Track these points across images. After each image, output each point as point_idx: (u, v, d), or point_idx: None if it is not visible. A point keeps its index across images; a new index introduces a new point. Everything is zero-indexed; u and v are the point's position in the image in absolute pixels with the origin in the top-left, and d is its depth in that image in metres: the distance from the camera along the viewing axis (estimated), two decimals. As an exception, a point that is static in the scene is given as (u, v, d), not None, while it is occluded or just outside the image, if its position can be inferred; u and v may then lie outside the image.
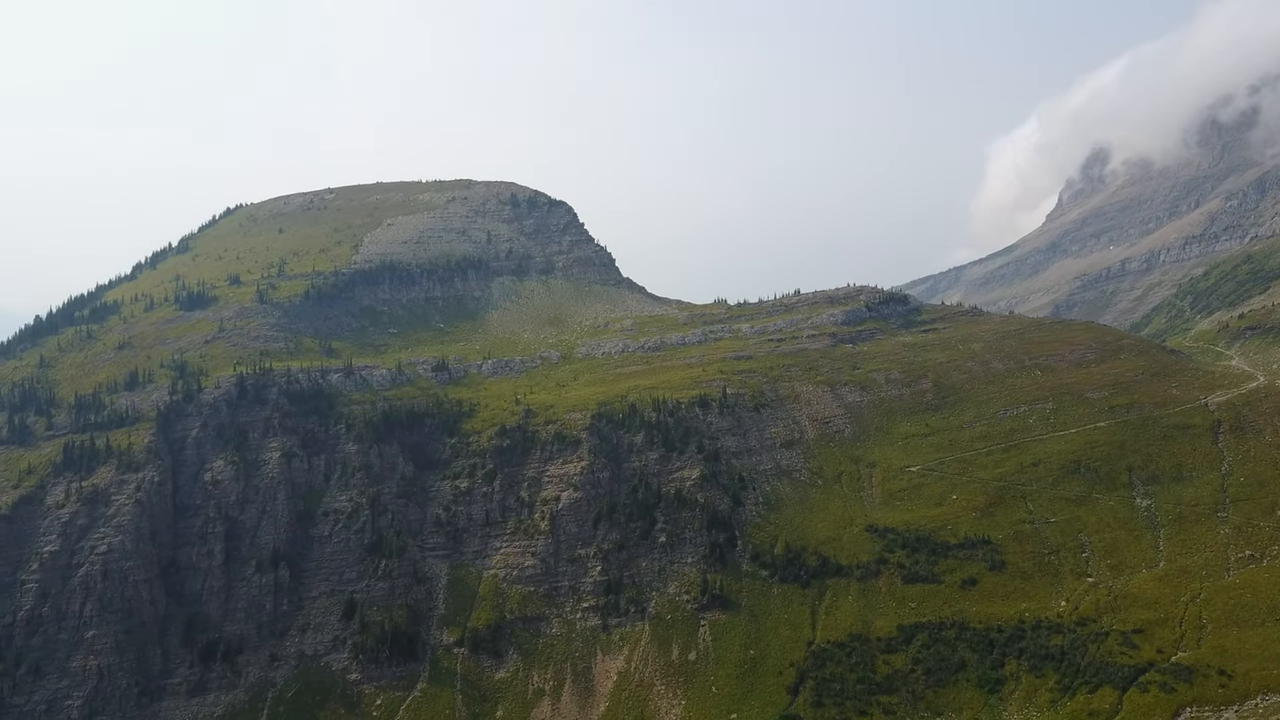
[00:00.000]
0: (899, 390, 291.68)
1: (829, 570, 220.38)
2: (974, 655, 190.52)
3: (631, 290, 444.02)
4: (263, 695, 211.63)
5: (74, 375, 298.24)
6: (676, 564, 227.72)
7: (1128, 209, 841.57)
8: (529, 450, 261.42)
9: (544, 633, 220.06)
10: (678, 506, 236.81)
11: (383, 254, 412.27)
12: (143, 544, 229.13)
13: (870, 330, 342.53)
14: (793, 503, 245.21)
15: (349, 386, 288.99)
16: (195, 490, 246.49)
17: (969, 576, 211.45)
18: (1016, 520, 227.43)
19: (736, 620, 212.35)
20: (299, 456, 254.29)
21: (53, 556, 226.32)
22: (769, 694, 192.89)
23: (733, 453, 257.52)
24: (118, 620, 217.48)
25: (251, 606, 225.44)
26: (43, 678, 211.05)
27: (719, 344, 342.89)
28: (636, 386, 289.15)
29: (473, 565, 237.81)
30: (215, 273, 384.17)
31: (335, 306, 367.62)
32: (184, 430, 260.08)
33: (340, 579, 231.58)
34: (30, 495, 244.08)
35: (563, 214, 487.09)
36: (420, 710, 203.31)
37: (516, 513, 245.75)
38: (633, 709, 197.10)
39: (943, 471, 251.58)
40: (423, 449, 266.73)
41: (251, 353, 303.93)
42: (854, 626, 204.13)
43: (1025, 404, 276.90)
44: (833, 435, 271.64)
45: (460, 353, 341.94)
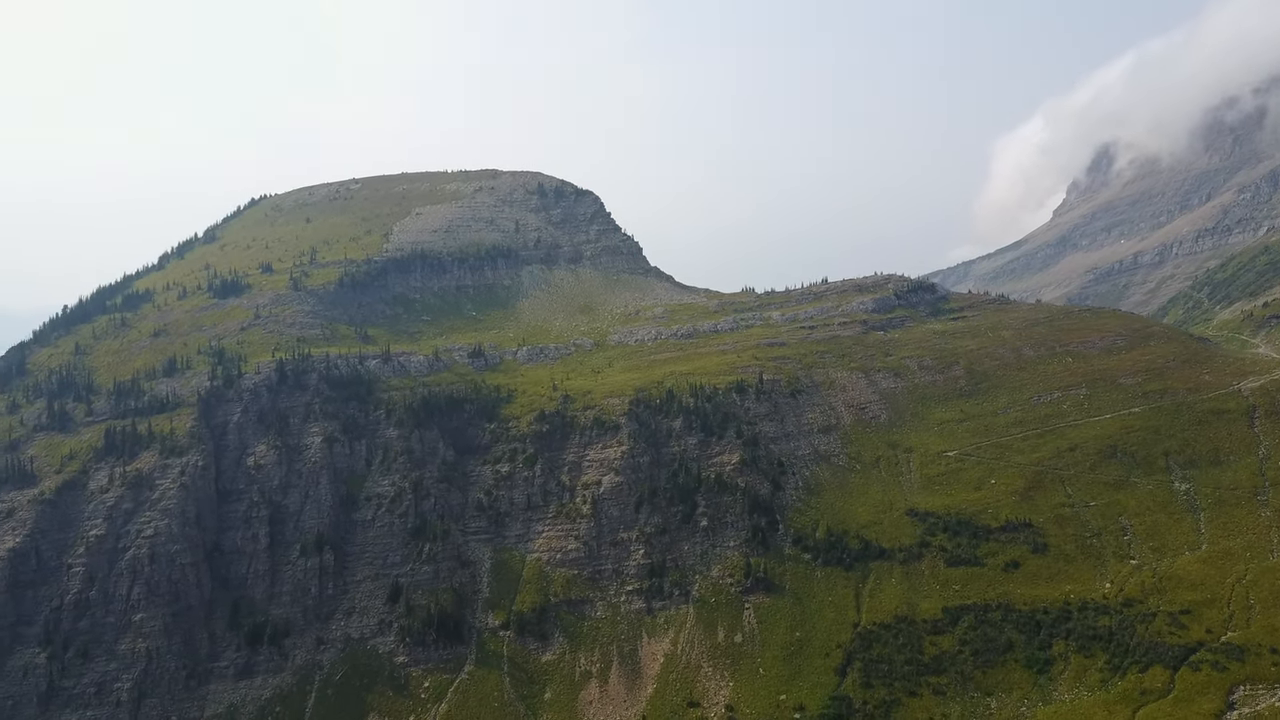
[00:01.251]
0: (932, 376, 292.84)
1: (871, 553, 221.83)
2: (1021, 636, 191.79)
3: (660, 279, 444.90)
4: (310, 678, 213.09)
5: (111, 362, 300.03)
6: (719, 547, 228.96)
7: (1138, 203, 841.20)
8: (568, 435, 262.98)
9: (589, 615, 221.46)
10: (718, 491, 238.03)
11: (413, 242, 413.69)
12: (188, 527, 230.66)
13: (900, 318, 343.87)
14: (832, 487, 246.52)
15: (387, 372, 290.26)
16: (238, 475, 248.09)
17: (1012, 559, 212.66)
18: (1056, 504, 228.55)
19: (781, 603, 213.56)
20: (340, 441, 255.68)
21: (98, 540, 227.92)
22: (817, 675, 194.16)
23: (771, 438, 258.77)
24: (165, 603, 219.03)
25: (297, 590, 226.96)
26: (91, 660, 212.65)
27: (751, 331, 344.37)
28: (672, 373, 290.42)
29: (515, 549, 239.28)
30: (245, 261, 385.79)
31: (369, 294, 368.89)
32: (225, 416, 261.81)
33: (384, 563, 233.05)
34: (73, 480, 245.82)
35: (589, 203, 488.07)
36: (469, 693, 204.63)
37: (558, 497, 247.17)
38: (681, 690, 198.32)
39: (980, 456, 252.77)
40: (462, 434, 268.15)
41: (288, 339, 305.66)
42: (899, 609, 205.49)
43: (1058, 390, 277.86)
44: (869, 421, 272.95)
45: (494, 340, 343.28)
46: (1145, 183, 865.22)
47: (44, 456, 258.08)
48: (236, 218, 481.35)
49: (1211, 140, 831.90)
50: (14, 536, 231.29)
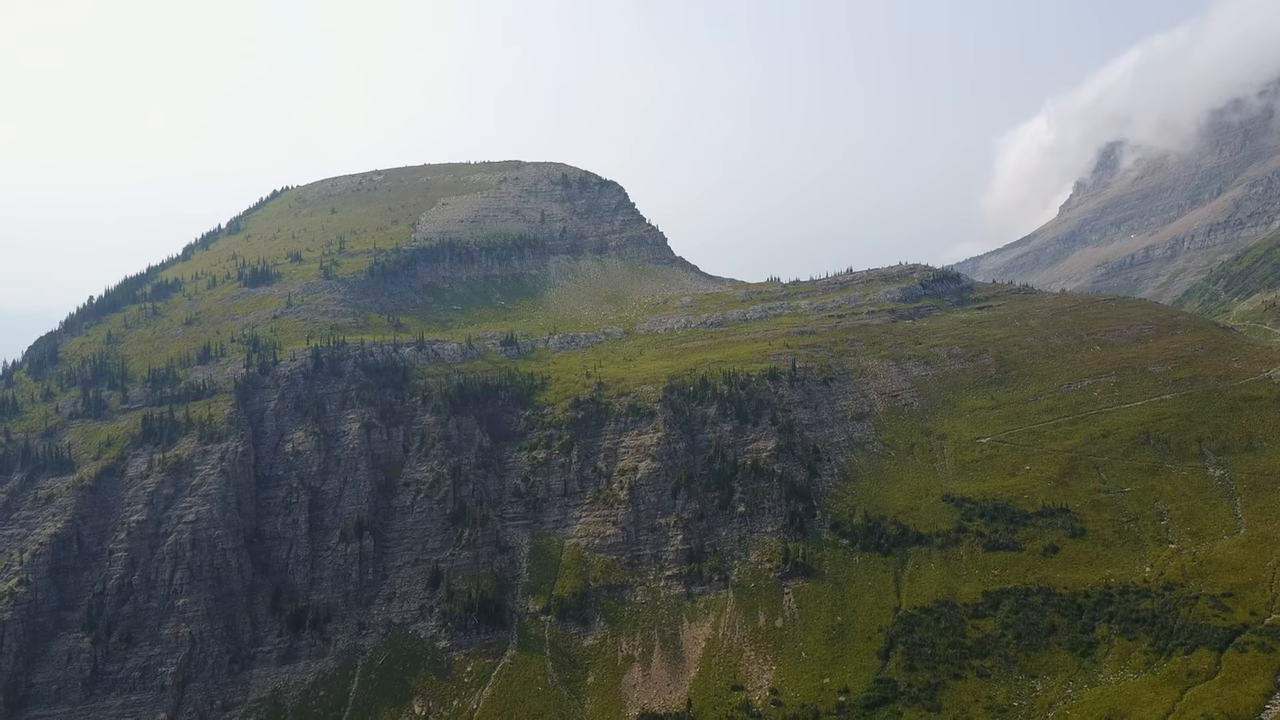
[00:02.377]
0: (962, 365, 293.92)
1: (909, 539, 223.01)
2: (1063, 620, 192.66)
3: (685, 269, 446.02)
4: (353, 662, 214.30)
5: (143, 350, 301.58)
6: (756, 533, 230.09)
7: (1148, 198, 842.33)
8: (603, 422, 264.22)
9: (629, 600, 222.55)
10: (755, 477, 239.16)
11: (441, 232, 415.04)
12: (229, 513, 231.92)
13: (926, 307, 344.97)
14: (868, 474, 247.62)
15: (422, 360, 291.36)
16: (276, 461, 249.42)
17: (1050, 544, 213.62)
18: (1091, 490, 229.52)
19: (821, 587, 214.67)
20: (378, 428, 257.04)
21: (140, 526, 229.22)
22: (860, 659, 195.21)
23: (805, 425, 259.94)
24: (207, 588, 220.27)
25: (337, 575, 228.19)
26: (135, 645, 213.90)
27: (780, 320, 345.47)
28: (705, 360, 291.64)
29: (553, 534, 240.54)
30: (273, 251, 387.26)
31: (398, 283, 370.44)
32: (262, 402, 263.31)
33: (424, 548, 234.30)
34: (111, 466, 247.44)
35: (613, 194, 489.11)
36: (512, 677, 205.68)
37: (594, 483, 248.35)
38: (724, 674, 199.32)
39: (1013, 443, 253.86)
40: (497, 421, 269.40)
41: (321, 327, 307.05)
42: (939, 593, 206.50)
43: (1088, 378, 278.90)
44: (901, 408, 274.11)
45: (524, 328, 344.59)
46: (1155, 178, 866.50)
47: (81, 443, 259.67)
48: (260, 209, 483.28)
49: (1220, 136, 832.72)
50: (55, 522, 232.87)
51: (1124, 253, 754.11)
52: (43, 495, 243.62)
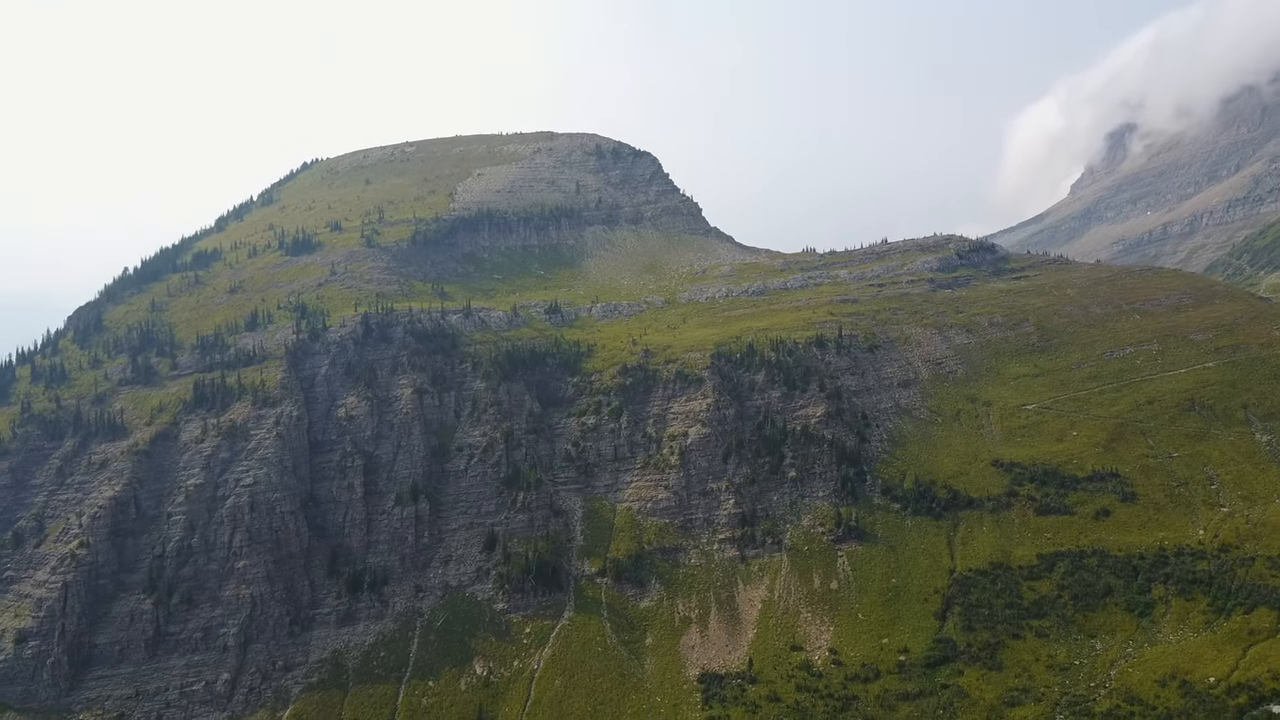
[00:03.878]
0: (1003, 333, 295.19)
1: (960, 503, 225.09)
2: (1119, 581, 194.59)
3: (720, 239, 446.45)
4: (411, 624, 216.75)
5: (189, 318, 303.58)
6: (808, 498, 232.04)
7: (1164, 175, 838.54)
8: (651, 388, 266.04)
9: (683, 563, 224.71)
10: (805, 442, 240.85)
11: (478, 202, 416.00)
12: (286, 476, 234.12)
13: (965, 277, 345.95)
14: (916, 439, 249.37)
15: (469, 327, 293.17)
16: (328, 426, 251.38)
17: (1101, 508, 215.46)
18: (1140, 455, 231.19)
19: (874, 551, 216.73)
20: (429, 393, 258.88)
21: (197, 489, 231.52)
22: (917, 619, 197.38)
23: (853, 391, 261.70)
24: (266, 551, 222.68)
25: (394, 539, 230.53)
26: (196, 607, 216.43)
27: (821, 289, 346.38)
28: (750, 328, 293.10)
29: (605, 498, 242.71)
30: (310, 221, 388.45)
31: (440, 252, 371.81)
32: (312, 368, 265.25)
33: (478, 512, 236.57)
34: (164, 431, 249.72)
35: (647, 164, 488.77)
36: (571, 638, 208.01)
37: (644, 448, 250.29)
38: (782, 635, 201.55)
39: (1059, 409, 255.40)
40: (545, 387, 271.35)
41: (367, 294, 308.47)
42: (993, 556, 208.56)
43: (1130, 345, 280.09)
44: (945, 375, 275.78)
45: (566, 297, 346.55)
46: (1171, 155, 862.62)
47: (132, 409, 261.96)
48: (290, 181, 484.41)
49: (1238, 112, 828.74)
50: (112, 486, 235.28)
51: (1141, 229, 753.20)
52: (96, 460, 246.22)
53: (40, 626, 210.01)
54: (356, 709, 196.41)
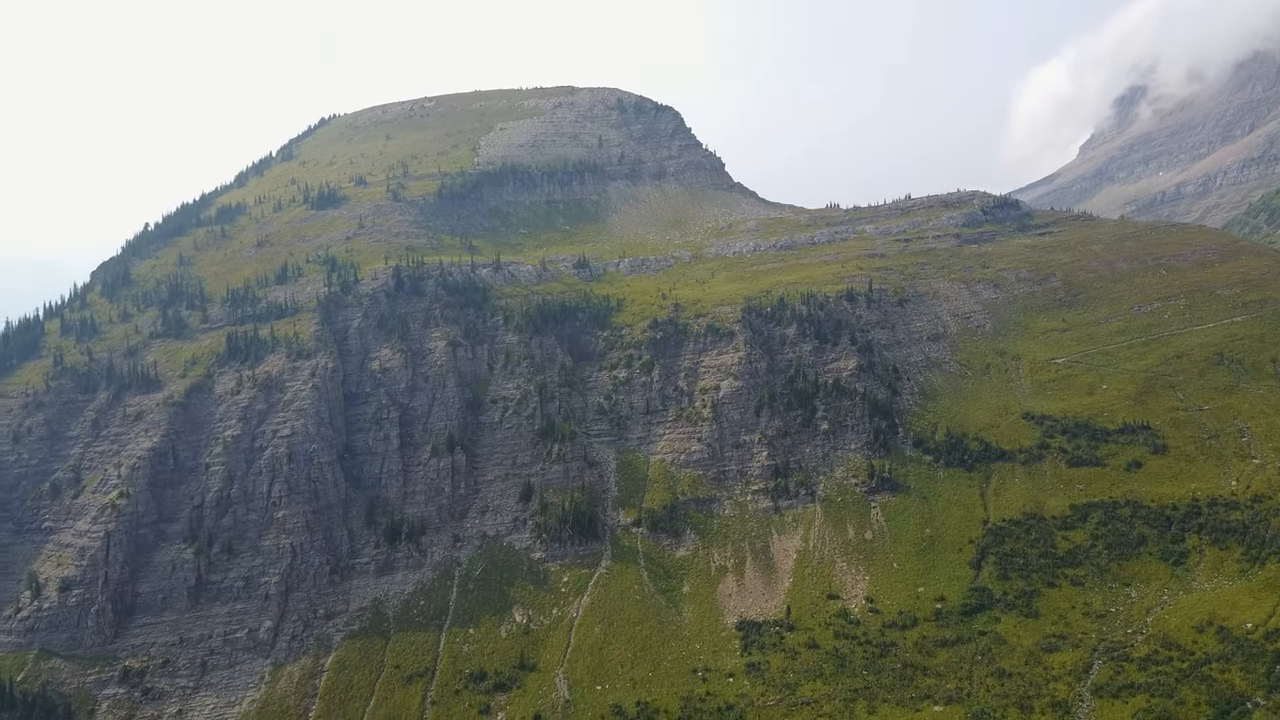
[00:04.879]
0: (1030, 288, 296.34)
1: (991, 455, 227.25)
2: (1152, 531, 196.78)
3: (744, 194, 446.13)
4: (450, 573, 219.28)
5: (217, 271, 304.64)
6: (840, 450, 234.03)
7: (1177, 134, 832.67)
8: (682, 342, 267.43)
9: (717, 514, 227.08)
10: (837, 395, 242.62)
11: (502, 156, 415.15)
12: (323, 428, 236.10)
13: (990, 232, 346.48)
14: (946, 392, 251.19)
15: (499, 281, 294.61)
16: (363, 378, 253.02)
17: (1133, 460, 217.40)
18: (1170, 408, 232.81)
19: (908, 502, 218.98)
20: (463, 346, 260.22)
21: (235, 440, 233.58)
22: (951, 569, 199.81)
23: (884, 345, 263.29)
24: (305, 501, 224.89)
25: (430, 489, 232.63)
26: (236, 556, 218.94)
27: (848, 243, 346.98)
28: (779, 282, 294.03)
29: (638, 451, 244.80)
30: (332, 176, 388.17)
31: (466, 206, 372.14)
32: (345, 321, 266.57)
33: (514, 463, 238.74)
34: (199, 384, 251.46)
35: (669, 119, 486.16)
36: (609, 586, 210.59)
37: (676, 401, 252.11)
38: (818, 584, 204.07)
39: (1088, 363, 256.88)
40: (576, 341, 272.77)
41: (396, 248, 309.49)
42: (1026, 506, 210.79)
43: (1157, 300, 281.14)
44: (974, 330, 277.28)
45: (593, 252, 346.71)
46: (1184, 114, 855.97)
47: (165, 362, 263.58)
48: (309, 136, 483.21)
49: (1253, 72, 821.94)
50: (149, 437, 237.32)
51: (1153, 189, 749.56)
52: (131, 412, 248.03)
53: (83, 575, 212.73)
54: (399, 656, 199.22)
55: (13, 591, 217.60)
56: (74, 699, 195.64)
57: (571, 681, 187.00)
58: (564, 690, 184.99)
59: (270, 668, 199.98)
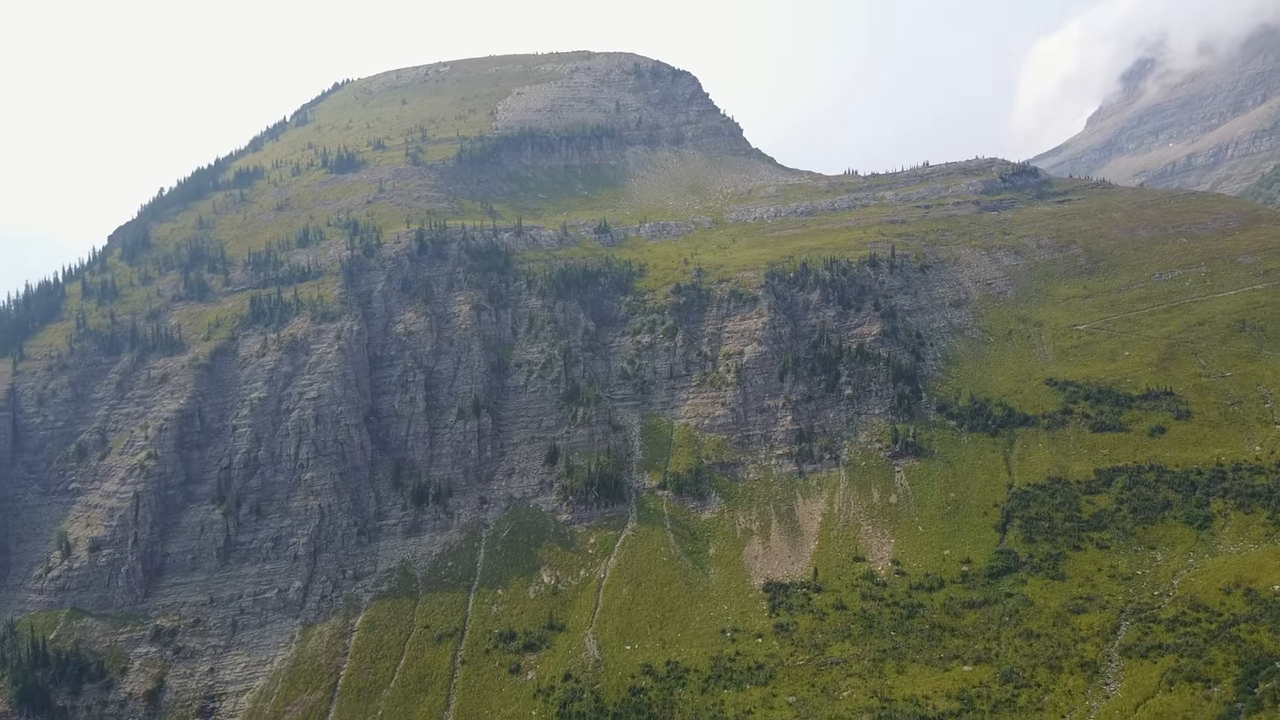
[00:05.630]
0: (1051, 255, 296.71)
1: (1015, 420, 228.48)
2: (1177, 495, 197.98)
3: (762, 160, 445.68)
4: (477, 535, 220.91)
5: (238, 235, 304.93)
6: (864, 414, 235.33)
7: (1187, 105, 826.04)
8: (705, 308, 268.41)
9: (742, 477, 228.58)
10: (860, 361, 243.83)
11: (520, 121, 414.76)
12: (349, 390, 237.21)
13: (1009, 200, 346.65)
14: (969, 358, 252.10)
15: (520, 245, 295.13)
16: (388, 341, 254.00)
17: (1156, 425, 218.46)
18: (1193, 374, 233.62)
19: (932, 466, 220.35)
20: (487, 310, 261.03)
21: (261, 403, 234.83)
22: (977, 532, 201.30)
23: (907, 311, 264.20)
24: (332, 463, 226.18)
25: (457, 452, 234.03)
26: (264, 517, 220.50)
27: (868, 210, 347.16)
28: (801, 248, 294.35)
29: (662, 415, 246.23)
30: (350, 140, 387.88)
31: (485, 170, 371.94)
32: (368, 284, 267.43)
33: (539, 426, 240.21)
34: (223, 346, 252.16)
35: (687, 84, 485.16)
36: (635, 548, 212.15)
37: (700, 366, 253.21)
38: (844, 547, 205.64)
39: (1110, 330, 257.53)
40: (598, 306, 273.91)
41: (418, 212, 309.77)
42: (1050, 471, 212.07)
43: (1178, 268, 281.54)
44: (995, 296, 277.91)
45: (613, 217, 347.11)
46: (1194, 85, 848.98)
47: (188, 324, 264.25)
48: (323, 100, 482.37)
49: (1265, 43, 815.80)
50: (175, 399, 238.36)
51: (1163, 161, 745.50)
52: (156, 375, 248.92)
53: (113, 535, 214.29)
54: (428, 616, 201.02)
55: (42, 552, 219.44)
56: (106, 657, 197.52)
57: (601, 641, 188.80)
58: (594, 650, 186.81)
59: (300, 627, 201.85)
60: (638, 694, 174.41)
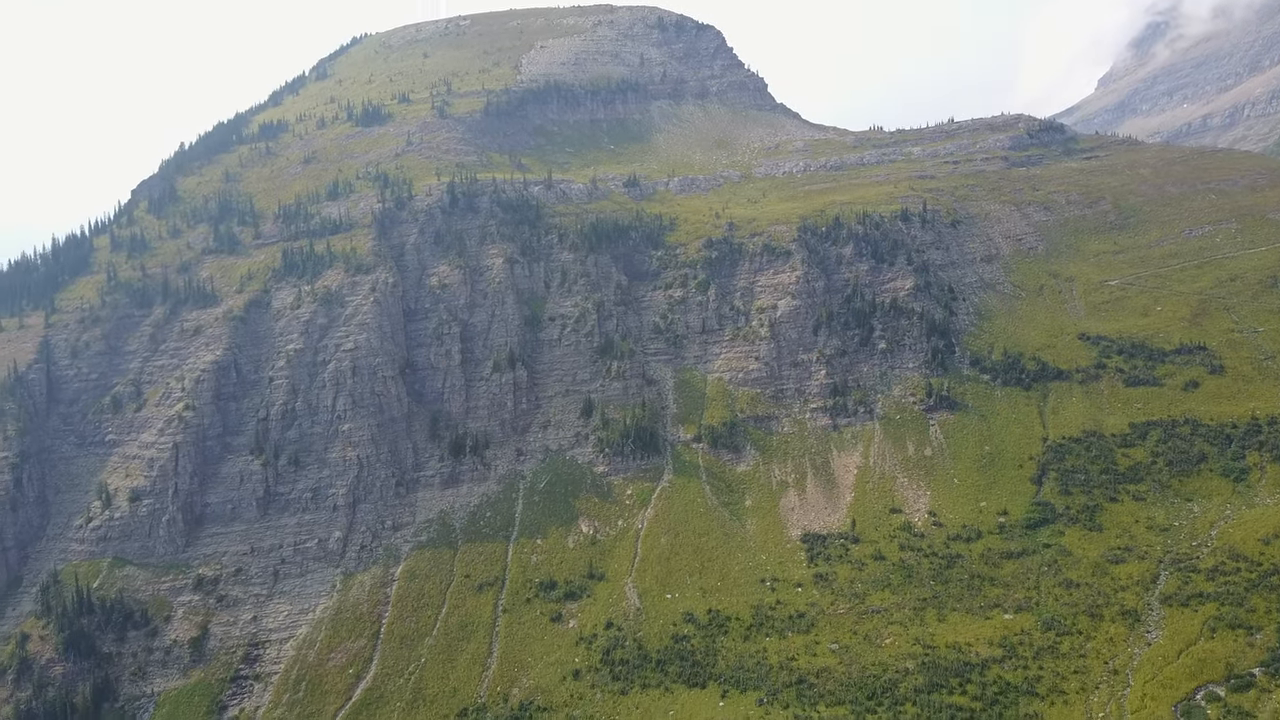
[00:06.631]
0: (1081, 210, 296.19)
1: (1049, 374, 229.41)
2: (1212, 448, 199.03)
3: (787, 115, 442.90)
4: (514, 486, 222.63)
5: (266, 188, 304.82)
6: (898, 369, 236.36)
7: (1202, 66, 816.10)
8: (737, 262, 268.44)
9: (776, 431, 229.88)
10: (894, 315, 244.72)
11: (544, 74, 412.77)
12: (385, 342, 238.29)
13: (1036, 155, 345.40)
14: (1001, 313, 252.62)
15: (551, 199, 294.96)
16: (421, 294, 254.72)
17: (1190, 379, 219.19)
18: (1225, 329, 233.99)
19: (966, 419, 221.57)
20: (520, 263, 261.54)
21: (297, 354, 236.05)
22: (1012, 484, 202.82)
23: (939, 265, 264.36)
24: (370, 414, 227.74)
25: (493, 404, 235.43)
26: (303, 468, 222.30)
27: (896, 165, 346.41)
28: (833, 202, 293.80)
29: (695, 369, 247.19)
30: (373, 94, 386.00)
31: (512, 124, 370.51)
32: (401, 237, 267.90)
33: (574, 380, 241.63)
34: (256, 299, 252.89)
35: (711, 38, 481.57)
36: (672, 499, 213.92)
37: (733, 320, 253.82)
38: (880, 498, 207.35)
39: (1141, 285, 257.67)
40: (629, 260, 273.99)
41: (447, 164, 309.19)
42: (1085, 424, 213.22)
43: (1208, 224, 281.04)
44: (1026, 251, 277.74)
45: (641, 171, 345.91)
46: (1210, 45, 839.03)
47: (220, 277, 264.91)
48: (341, 55, 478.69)
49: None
50: (211, 351, 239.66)
51: (1178, 121, 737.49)
52: (189, 327, 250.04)
53: (153, 485, 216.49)
54: (468, 565, 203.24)
55: (81, 503, 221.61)
56: (150, 605, 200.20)
57: (641, 590, 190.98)
58: (634, 599, 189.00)
59: (341, 576, 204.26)
60: (680, 641, 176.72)
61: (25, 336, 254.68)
